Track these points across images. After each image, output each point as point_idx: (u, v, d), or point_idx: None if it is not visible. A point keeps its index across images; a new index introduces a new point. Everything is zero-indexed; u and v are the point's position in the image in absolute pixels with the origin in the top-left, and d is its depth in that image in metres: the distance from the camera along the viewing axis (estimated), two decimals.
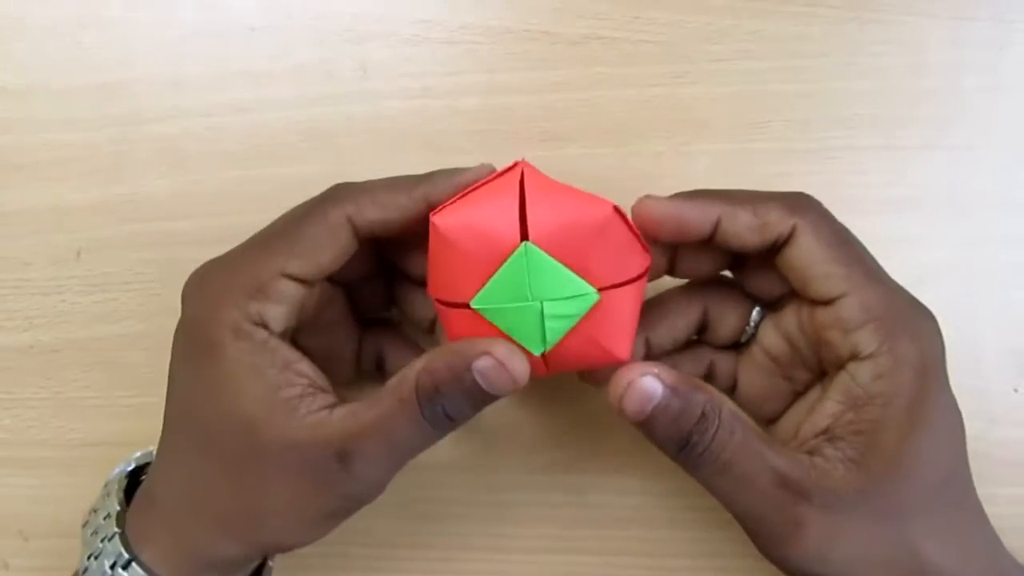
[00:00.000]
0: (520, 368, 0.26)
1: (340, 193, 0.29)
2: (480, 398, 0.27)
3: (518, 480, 0.37)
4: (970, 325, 0.36)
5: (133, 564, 0.28)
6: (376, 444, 0.27)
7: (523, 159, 0.28)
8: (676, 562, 0.37)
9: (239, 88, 0.36)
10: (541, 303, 0.26)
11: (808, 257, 0.27)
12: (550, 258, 0.26)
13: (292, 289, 0.28)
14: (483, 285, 0.27)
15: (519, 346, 0.27)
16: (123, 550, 0.28)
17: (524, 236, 0.26)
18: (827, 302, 0.28)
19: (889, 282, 0.28)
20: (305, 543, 0.29)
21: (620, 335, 0.28)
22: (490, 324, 0.27)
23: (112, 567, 0.28)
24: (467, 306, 0.27)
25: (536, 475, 0.37)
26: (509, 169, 0.28)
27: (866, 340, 0.27)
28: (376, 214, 0.28)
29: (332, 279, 0.32)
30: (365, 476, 0.27)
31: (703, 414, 0.26)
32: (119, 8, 0.36)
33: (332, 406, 0.28)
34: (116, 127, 0.36)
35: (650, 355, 0.32)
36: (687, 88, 0.36)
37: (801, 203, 0.28)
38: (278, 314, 0.28)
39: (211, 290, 0.28)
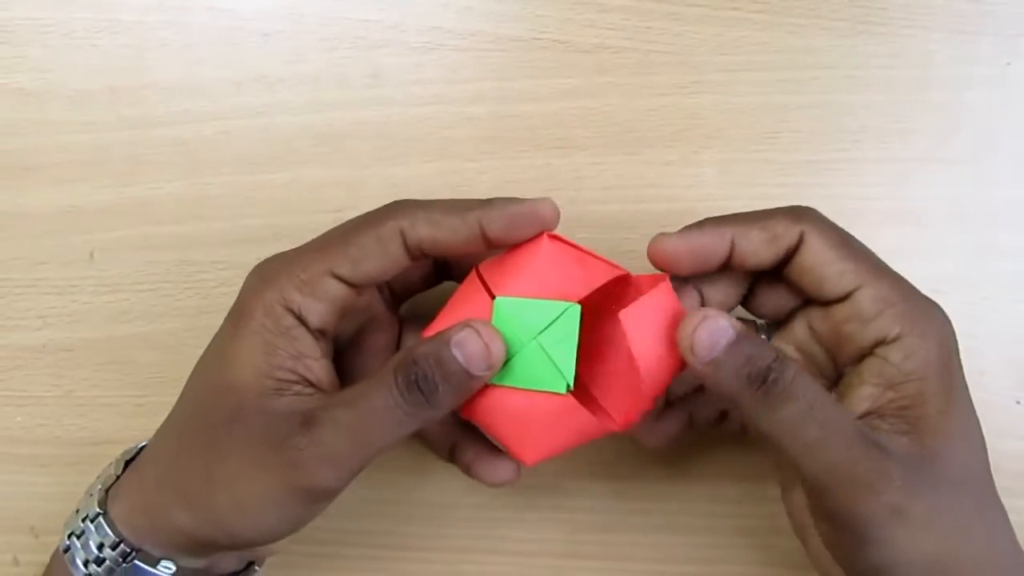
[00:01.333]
0: (493, 338, 0.27)
1: (399, 207, 0.29)
2: (453, 372, 0.27)
3: (522, 484, 0.37)
4: (973, 337, 0.36)
5: (100, 518, 0.29)
6: (343, 412, 0.27)
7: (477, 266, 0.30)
8: (675, 568, 0.37)
9: (252, 93, 0.37)
10: (536, 340, 0.28)
11: (819, 258, 0.29)
12: (520, 298, 0.28)
13: (337, 289, 0.29)
14: None
15: (550, 394, 0.28)
16: (96, 505, 0.30)
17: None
18: (842, 298, 0.29)
19: (895, 273, 0.30)
20: (258, 530, 0.28)
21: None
22: (512, 388, 0.28)
23: (84, 519, 0.30)
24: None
25: (536, 479, 0.37)
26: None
27: (888, 326, 0.28)
28: (427, 232, 0.29)
29: (394, 292, 0.33)
30: (325, 443, 0.27)
31: (777, 356, 0.26)
32: (135, 12, 0.37)
33: (316, 394, 0.29)
34: (130, 130, 0.37)
35: (669, 400, 0.33)
36: (696, 98, 0.36)
37: (802, 212, 0.30)
38: (318, 310, 0.29)
39: (264, 275, 0.30)
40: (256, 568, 0.33)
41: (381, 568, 0.38)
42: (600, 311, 0.30)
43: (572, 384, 0.28)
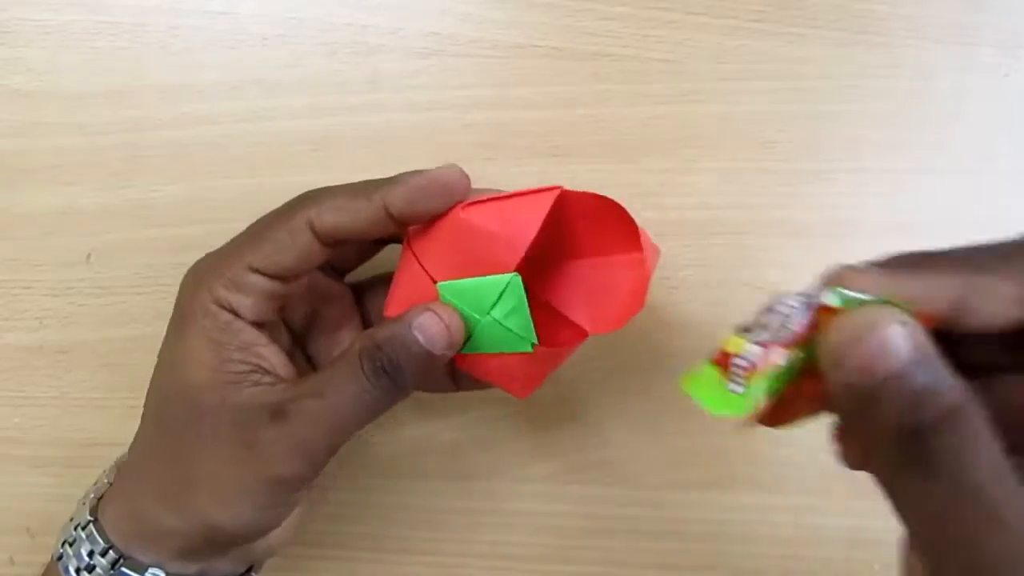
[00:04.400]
0: (453, 321, 0.28)
1: (308, 197, 0.30)
2: (417, 354, 0.27)
3: (519, 489, 0.38)
4: None
5: (90, 525, 0.30)
6: (313, 402, 0.27)
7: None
8: (671, 574, 0.38)
9: (251, 97, 0.37)
10: (489, 316, 0.28)
11: None
12: (461, 281, 0.28)
13: (261, 283, 0.29)
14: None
15: (517, 358, 0.28)
16: (87, 512, 0.30)
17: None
18: None
19: None
20: (239, 523, 0.28)
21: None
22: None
23: (76, 528, 0.30)
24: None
25: (536, 484, 0.38)
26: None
27: None
28: (334, 218, 0.28)
29: (336, 268, 0.34)
30: (298, 434, 0.27)
31: (952, 409, 0.19)
32: (133, 15, 0.36)
33: (277, 383, 0.29)
34: (128, 132, 0.37)
35: None
36: (694, 106, 0.36)
37: None
38: (248, 304, 0.29)
39: (196, 277, 0.30)
40: (254, 573, 0.33)
41: (378, 572, 0.38)
42: (553, 231, 0.30)
43: (537, 341, 0.28)
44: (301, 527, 0.32)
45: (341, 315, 0.34)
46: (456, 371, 0.33)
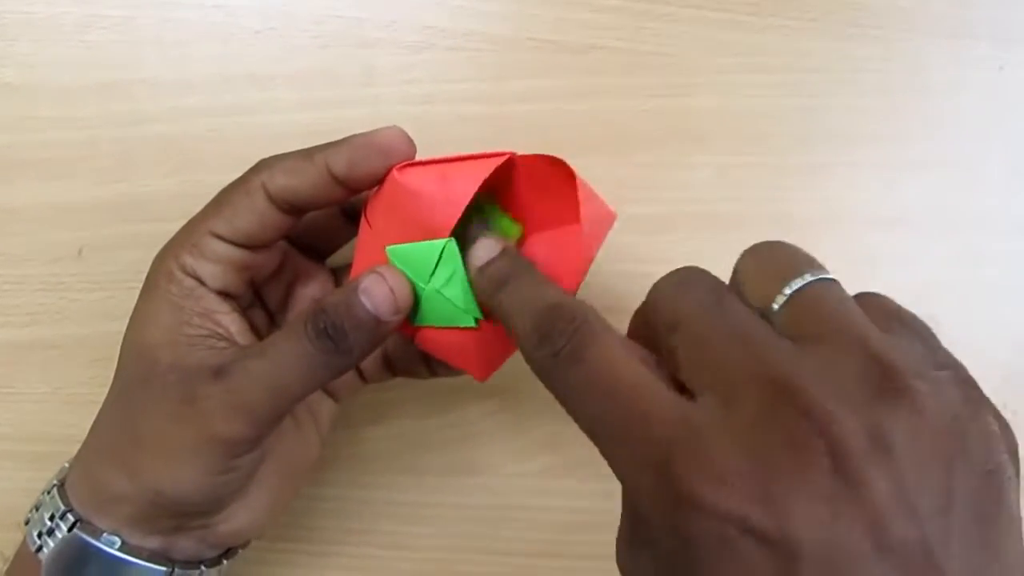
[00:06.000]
0: (398, 284, 0.28)
1: (263, 162, 0.30)
2: (362, 319, 0.27)
3: (513, 484, 0.38)
4: (961, 342, 0.36)
5: (54, 489, 0.30)
6: (253, 361, 0.27)
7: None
8: None
9: (242, 90, 0.36)
10: (430, 285, 0.28)
11: None
12: (404, 245, 0.27)
13: (224, 249, 0.29)
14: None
15: (461, 329, 0.28)
16: (55, 478, 0.31)
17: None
18: None
19: None
20: (180, 486, 0.28)
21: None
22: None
23: (43, 493, 0.31)
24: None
25: (533, 479, 0.38)
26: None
27: None
28: (284, 179, 0.29)
29: (317, 249, 0.34)
30: (236, 391, 0.27)
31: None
32: (124, 8, 0.36)
33: (230, 348, 0.29)
34: (119, 126, 0.37)
35: None
36: (689, 99, 0.36)
37: None
38: (211, 271, 0.29)
39: (165, 248, 0.31)
40: (226, 561, 0.32)
41: (374, 567, 0.38)
42: (508, 202, 0.30)
43: (480, 315, 0.28)
44: (276, 515, 0.32)
45: (317, 293, 0.34)
46: (429, 355, 0.33)
